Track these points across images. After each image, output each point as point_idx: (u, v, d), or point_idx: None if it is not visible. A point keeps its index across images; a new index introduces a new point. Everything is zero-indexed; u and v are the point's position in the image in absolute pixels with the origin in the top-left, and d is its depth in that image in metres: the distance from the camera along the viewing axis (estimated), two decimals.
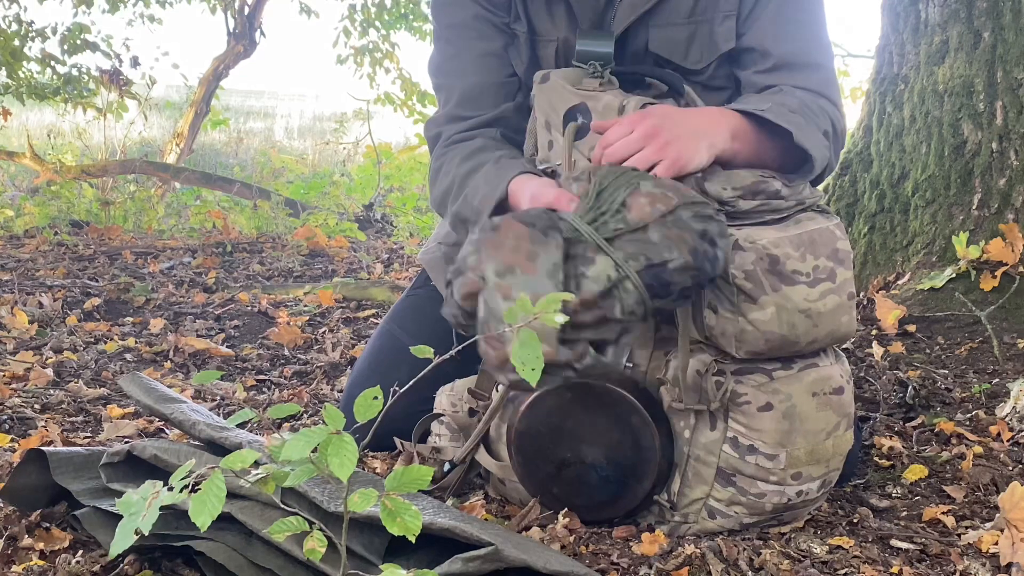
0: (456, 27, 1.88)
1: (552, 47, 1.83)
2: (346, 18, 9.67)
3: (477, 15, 1.85)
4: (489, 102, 1.85)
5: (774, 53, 1.79)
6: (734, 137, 1.61)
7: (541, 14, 1.84)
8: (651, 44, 1.80)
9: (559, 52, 1.83)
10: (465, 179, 1.77)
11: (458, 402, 1.80)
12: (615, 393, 1.56)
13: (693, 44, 1.80)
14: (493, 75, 1.86)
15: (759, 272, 1.49)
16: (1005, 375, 2.31)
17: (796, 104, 1.71)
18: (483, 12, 1.85)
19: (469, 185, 1.76)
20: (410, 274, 3.85)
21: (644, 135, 1.55)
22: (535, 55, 1.85)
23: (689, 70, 1.80)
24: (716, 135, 1.59)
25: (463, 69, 1.87)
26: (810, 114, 1.70)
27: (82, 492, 1.50)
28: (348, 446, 1.17)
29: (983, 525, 1.62)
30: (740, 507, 1.57)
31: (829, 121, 1.74)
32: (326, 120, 13.42)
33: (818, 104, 1.75)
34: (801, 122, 1.66)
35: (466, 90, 1.86)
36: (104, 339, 2.83)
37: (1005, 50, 2.71)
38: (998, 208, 2.70)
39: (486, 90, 1.86)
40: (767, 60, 1.79)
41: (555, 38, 1.83)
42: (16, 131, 10.84)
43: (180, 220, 5.80)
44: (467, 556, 1.28)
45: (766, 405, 1.52)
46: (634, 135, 1.56)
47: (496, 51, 1.86)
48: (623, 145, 1.55)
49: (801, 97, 1.73)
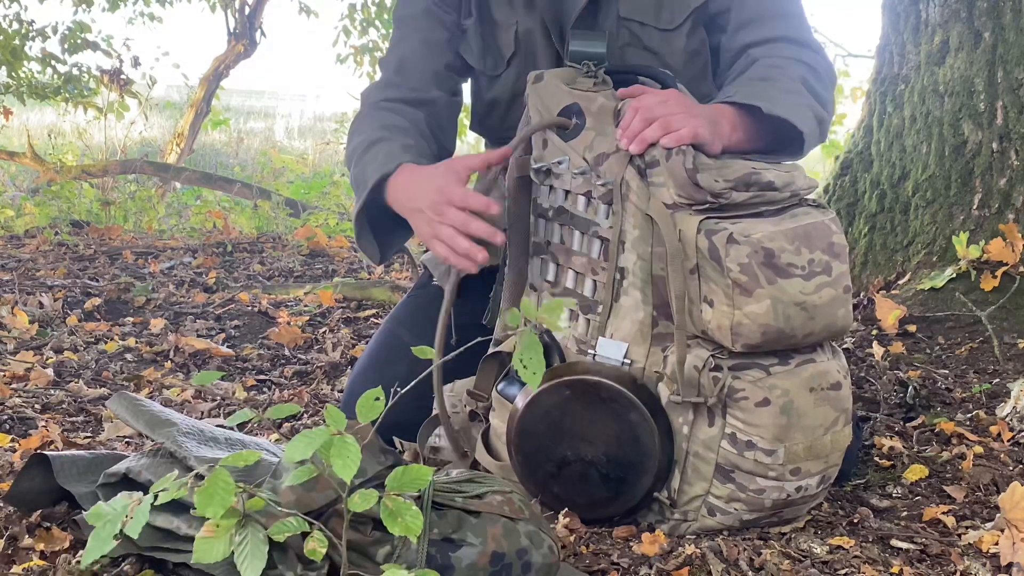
0: (405, 18, 2.01)
1: (511, 32, 1.90)
2: (346, 17, 9.68)
3: (426, 9, 1.98)
4: (420, 77, 1.96)
5: (742, 10, 1.87)
6: (734, 130, 1.66)
7: (501, 4, 1.91)
8: (622, 11, 1.86)
9: (519, 37, 1.89)
10: (372, 145, 1.85)
11: (458, 403, 1.81)
12: (614, 390, 1.56)
13: (663, 4, 1.86)
14: (430, 57, 1.97)
15: (754, 265, 1.49)
16: (1005, 375, 2.31)
17: (762, 71, 1.78)
18: (432, 7, 1.97)
19: (371, 152, 1.84)
20: (410, 274, 3.85)
21: (678, 102, 1.62)
22: (493, 44, 1.93)
23: (663, 30, 1.86)
24: (724, 127, 1.64)
25: (405, 45, 1.99)
26: (780, 73, 1.77)
27: (84, 495, 1.50)
28: (350, 447, 1.18)
29: (983, 525, 1.62)
30: (739, 503, 1.57)
31: (806, 67, 1.80)
32: (326, 120, 13.43)
33: (788, 55, 1.81)
34: (770, 91, 1.72)
35: (401, 60, 1.98)
36: (104, 339, 2.83)
37: (1006, 50, 2.71)
38: (998, 208, 2.70)
39: (420, 66, 1.97)
40: (737, 18, 1.87)
41: (514, 22, 1.90)
42: (17, 131, 10.84)
43: (180, 220, 5.80)
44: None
45: (763, 401, 1.52)
46: (669, 101, 1.62)
47: (437, 40, 1.97)
48: (659, 105, 1.60)
49: (767, 62, 1.80)
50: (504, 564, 1.34)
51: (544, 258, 1.73)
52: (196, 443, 1.50)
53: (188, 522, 1.33)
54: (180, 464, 1.45)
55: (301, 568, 1.28)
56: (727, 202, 1.54)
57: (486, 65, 1.94)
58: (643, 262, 1.59)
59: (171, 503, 1.24)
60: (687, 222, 1.54)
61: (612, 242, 1.60)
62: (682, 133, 1.56)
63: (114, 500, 1.22)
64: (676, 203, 1.55)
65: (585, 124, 1.65)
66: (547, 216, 1.72)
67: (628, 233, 1.60)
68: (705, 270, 1.53)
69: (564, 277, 1.70)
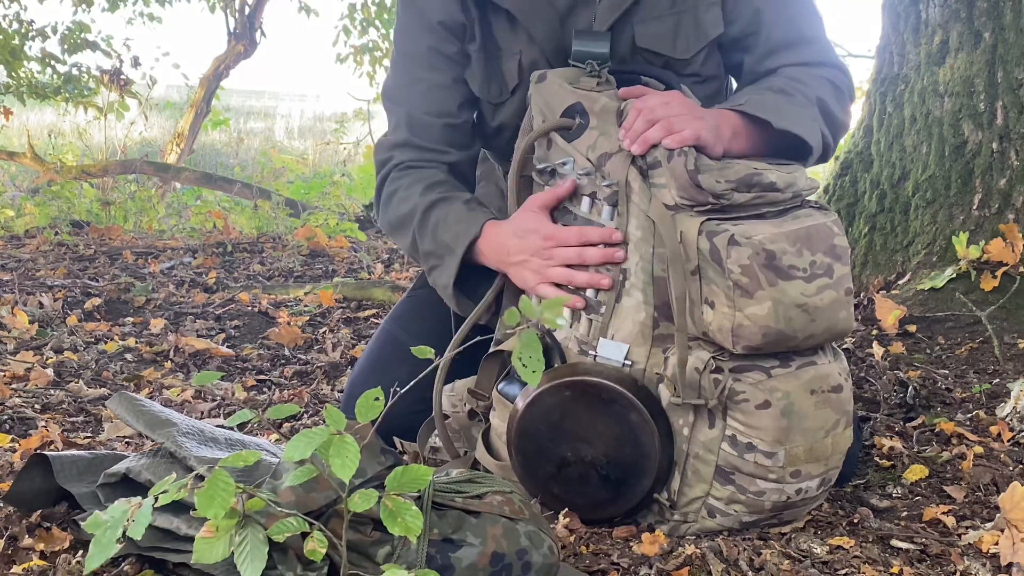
0: (409, 55, 1.93)
1: (515, 61, 1.86)
2: (346, 17, 9.69)
3: (431, 47, 1.89)
4: (433, 136, 1.90)
5: (767, 37, 1.85)
6: (734, 135, 1.66)
7: (504, 31, 1.86)
8: (638, 40, 1.82)
9: (522, 67, 1.85)
10: (429, 210, 1.83)
11: (458, 403, 1.81)
12: (614, 391, 1.56)
13: (679, 34, 1.83)
14: (440, 108, 1.90)
15: (755, 267, 1.49)
16: (1005, 375, 2.31)
17: (782, 83, 1.77)
18: (436, 44, 1.89)
19: (434, 217, 1.82)
20: (410, 274, 3.85)
21: (681, 104, 1.62)
22: (496, 71, 1.88)
23: (679, 60, 1.83)
24: (725, 132, 1.64)
25: (413, 99, 1.92)
26: (799, 88, 1.76)
27: (84, 496, 1.50)
28: (350, 447, 1.18)
29: (983, 525, 1.62)
30: (739, 505, 1.57)
31: (829, 84, 1.80)
32: (326, 120, 13.43)
33: (815, 73, 1.80)
34: (782, 103, 1.72)
35: (415, 119, 1.91)
36: (104, 339, 2.83)
37: (1005, 50, 2.71)
38: (998, 208, 2.70)
39: (431, 125, 1.90)
40: (761, 45, 1.85)
41: (517, 51, 1.85)
42: (17, 131, 10.85)
43: (180, 220, 5.79)
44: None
45: (764, 403, 1.52)
46: (673, 102, 1.62)
47: (444, 84, 1.90)
48: (662, 107, 1.60)
49: (791, 74, 1.80)
50: (504, 564, 1.34)
51: None
52: (196, 443, 1.50)
53: (188, 522, 1.33)
54: (180, 464, 1.45)
55: (301, 568, 1.28)
56: (728, 203, 1.54)
57: (490, 93, 1.89)
58: (645, 263, 1.58)
59: (171, 503, 1.24)
60: (688, 223, 1.53)
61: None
62: (684, 134, 1.56)
63: (112, 507, 1.22)
64: (678, 204, 1.55)
65: (588, 124, 1.65)
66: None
67: (631, 234, 1.60)
68: (706, 272, 1.52)
69: None
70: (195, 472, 1.29)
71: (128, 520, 1.20)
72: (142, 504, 1.21)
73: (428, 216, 1.82)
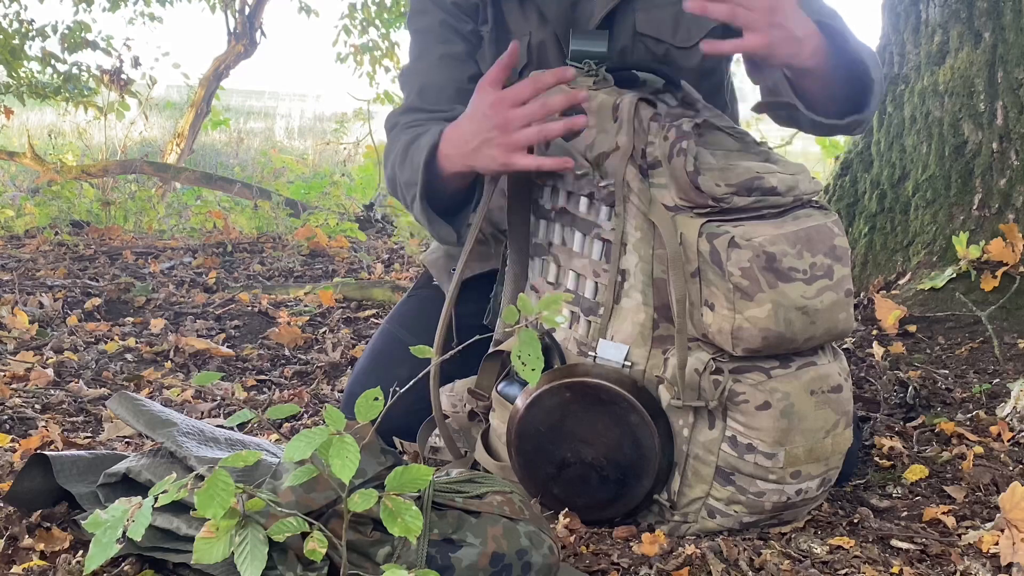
0: (422, 32, 1.95)
1: (524, 43, 1.86)
2: (346, 17, 9.69)
3: (443, 21, 1.91)
4: (445, 99, 1.89)
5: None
6: (813, 54, 1.63)
7: (514, 13, 1.88)
8: (638, 26, 1.83)
9: (531, 48, 1.86)
10: (407, 147, 1.81)
11: (458, 403, 1.81)
12: (614, 392, 1.56)
13: (680, 22, 1.83)
14: (452, 75, 1.90)
15: (755, 269, 1.49)
16: (1006, 375, 2.31)
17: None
18: (449, 19, 1.91)
19: (411, 149, 1.80)
20: (411, 274, 3.85)
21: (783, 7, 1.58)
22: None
23: (679, 48, 1.84)
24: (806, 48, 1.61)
25: (425, 68, 1.93)
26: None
27: (84, 496, 1.50)
28: (349, 447, 1.18)
29: (983, 525, 1.62)
30: (740, 506, 1.57)
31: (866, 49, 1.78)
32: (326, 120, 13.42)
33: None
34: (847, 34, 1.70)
35: (425, 85, 1.92)
36: (104, 339, 2.83)
37: (1006, 50, 2.71)
38: (999, 208, 2.70)
39: (444, 88, 1.90)
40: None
41: (527, 32, 1.86)
42: (17, 131, 10.85)
43: (181, 220, 5.79)
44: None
45: (764, 404, 1.52)
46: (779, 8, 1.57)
47: (457, 54, 1.91)
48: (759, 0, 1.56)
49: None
50: (504, 564, 1.34)
51: (545, 259, 1.73)
52: (196, 443, 1.50)
53: (188, 522, 1.33)
54: (180, 464, 1.45)
55: (301, 568, 1.28)
56: (728, 207, 1.54)
57: None
58: (644, 264, 1.58)
59: (171, 503, 1.24)
60: (688, 225, 1.53)
61: (614, 244, 1.60)
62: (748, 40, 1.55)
63: (112, 507, 1.22)
64: (678, 205, 1.55)
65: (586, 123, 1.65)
66: (548, 217, 1.72)
67: (630, 235, 1.59)
68: (706, 273, 1.52)
69: (565, 278, 1.69)
70: (195, 472, 1.29)
71: (128, 520, 1.20)
72: (142, 504, 1.21)
73: (407, 153, 1.81)
